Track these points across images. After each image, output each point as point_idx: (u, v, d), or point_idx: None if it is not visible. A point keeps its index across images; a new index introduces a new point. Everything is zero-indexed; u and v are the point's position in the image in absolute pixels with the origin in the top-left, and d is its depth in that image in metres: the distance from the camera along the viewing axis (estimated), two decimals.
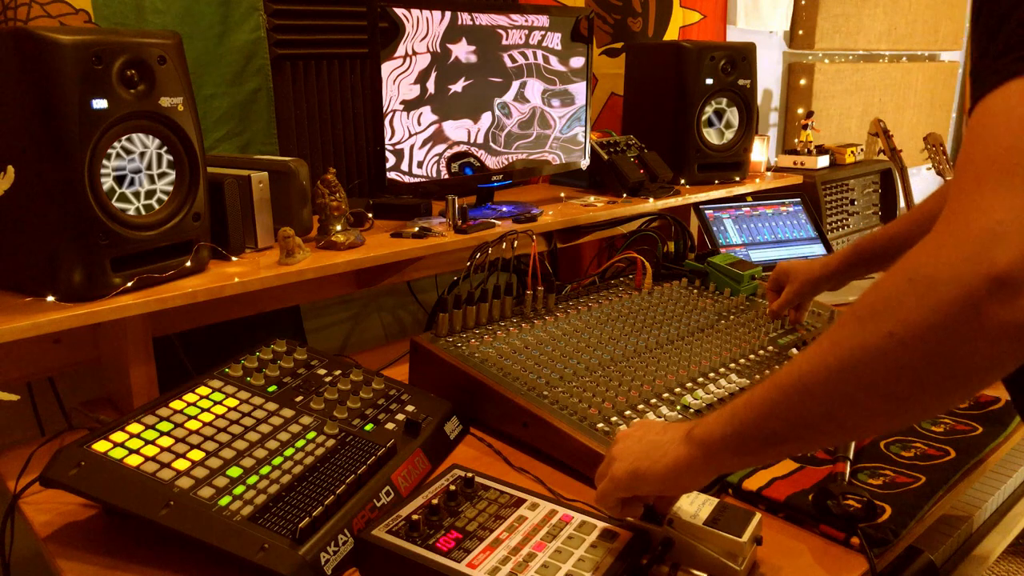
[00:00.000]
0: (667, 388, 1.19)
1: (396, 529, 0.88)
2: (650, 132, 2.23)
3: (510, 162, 1.89)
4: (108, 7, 1.51)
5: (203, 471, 0.96)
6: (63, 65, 1.10)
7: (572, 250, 2.24)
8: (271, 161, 1.52)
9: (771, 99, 3.28)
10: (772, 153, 2.95)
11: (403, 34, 1.60)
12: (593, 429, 1.08)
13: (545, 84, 1.92)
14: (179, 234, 1.29)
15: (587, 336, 1.34)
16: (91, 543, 0.97)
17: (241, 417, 1.07)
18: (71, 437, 1.19)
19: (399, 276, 1.69)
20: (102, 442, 0.97)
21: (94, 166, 1.16)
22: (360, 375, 1.23)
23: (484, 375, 1.19)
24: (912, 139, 3.64)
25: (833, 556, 0.92)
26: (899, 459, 1.10)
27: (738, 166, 2.31)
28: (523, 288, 1.43)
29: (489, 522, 0.90)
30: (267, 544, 0.86)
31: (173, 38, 1.25)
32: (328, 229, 1.51)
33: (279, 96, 1.77)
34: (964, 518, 1.18)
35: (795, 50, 3.28)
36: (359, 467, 1.01)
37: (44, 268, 1.18)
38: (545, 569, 0.82)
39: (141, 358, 1.35)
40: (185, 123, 1.27)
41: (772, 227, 2.23)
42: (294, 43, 1.78)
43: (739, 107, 2.26)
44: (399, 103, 1.63)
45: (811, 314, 1.51)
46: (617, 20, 2.51)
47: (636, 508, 0.86)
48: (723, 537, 0.85)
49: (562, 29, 1.92)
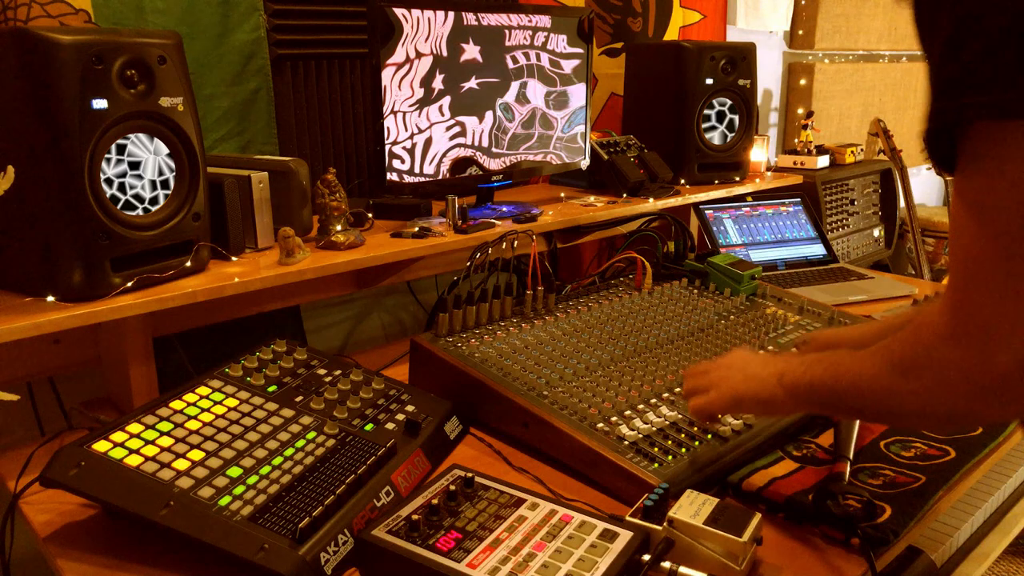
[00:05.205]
0: (667, 388, 1.19)
1: (396, 529, 0.88)
2: (650, 132, 2.23)
3: (511, 163, 1.89)
4: (108, 7, 1.51)
5: (203, 471, 0.96)
6: (63, 65, 1.10)
7: (572, 250, 2.24)
8: (271, 161, 1.52)
9: (771, 99, 3.28)
10: (772, 153, 2.95)
11: (402, 34, 1.60)
12: (593, 429, 1.08)
13: (546, 85, 1.92)
14: (179, 234, 1.29)
15: (587, 336, 1.34)
16: (91, 543, 0.97)
17: (241, 417, 1.07)
18: (71, 437, 1.20)
19: (399, 276, 1.69)
20: (102, 442, 0.97)
21: (94, 166, 1.16)
22: (360, 375, 1.23)
23: (484, 375, 1.19)
24: (912, 139, 3.64)
25: (833, 556, 0.92)
26: (899, 459, 1.10)
27: (738, 166, 2.31)
28: (523, 288, 1.43)
29: (489, 522, 0.90)
30: (267, 544, 0.86)
31: (173, 38, 1.25)
32: (328, 229, 1.51)
33: (279, 96, 1.77)
34: (964, 518, 1.18)
35: (795, 50, 3.28)
36: (359, 467, 1.01)
37: (44, 268, 1.18)
38: (545, 569, 0.82)
39: (141, 358, 1.35)
40: (185, 123, 1.26)
41: (772, 227, 2.23)
42: (294, 43, 1.78)
43: (739, 107, 2.26)
44: (399, 104, 1.63)
45: (811, 314, 1.52)
46: (617, 20, 2.51)
47: (719, 423, 1.07)
48: (723, 537, 0.85)
49: (564, 30, 1.92)
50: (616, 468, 1.02)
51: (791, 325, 1.47)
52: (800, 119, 3.04)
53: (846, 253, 2.86)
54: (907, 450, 1.12)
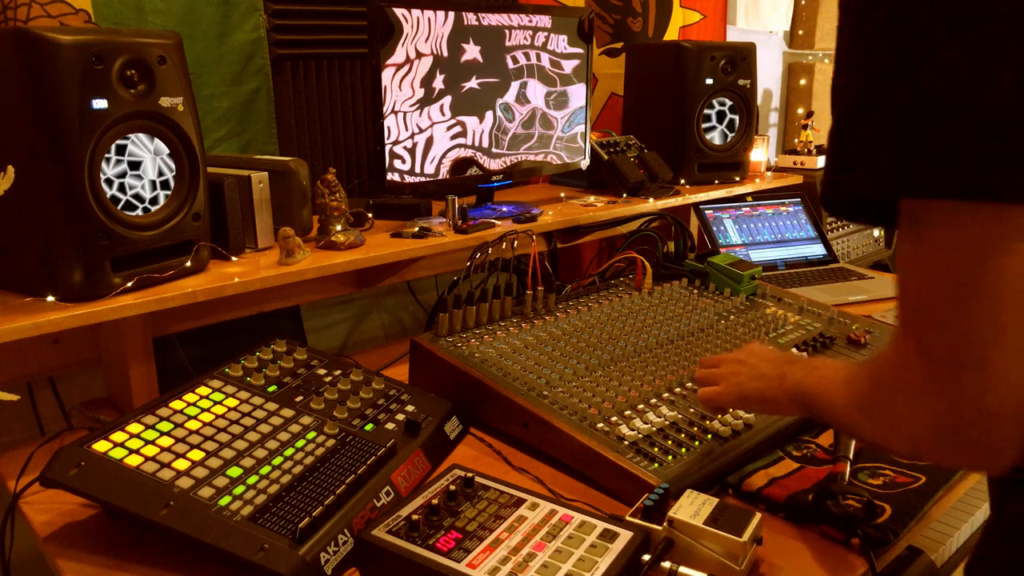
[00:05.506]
0: (667, 388, 1.19)
1: (396, 529, 0.88)
2: (650, 132, 2.23)
3: (511, 163, 1.89)
4: (108, 7, 1.51)
5: (203, 471, 0.96)
6: (63, 65, 1.10)
7: (572, 250, 2.24)
8: (271, 161, 1.52)
9: (771, 99, 3.28)
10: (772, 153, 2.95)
11: (402, 34, 1.60)
12: (593, 429, 1.08)
13: (546, 85, 1.92)
14: (179, 234, 1.29)
15: (587, 336, 1.34)
16: (91, 543, 0.97)
17: (241, 417, 1.07)
18: (71, 437, 1.20)
19: (399, 276, 1.69)
20: (102, 442, 0.97)
21: (94, 166, 1.16)
22: (360, 375, 1.23)
23: (484, 375, 1.19)
24: None
25: (833, 556, 0.92)
26: (899, 459, 1.10)
27: (738, 166, 2.31)
28: (523, 288, 1.43)
29: (489, 522, 0.90)
30: (267, 544, 0.86)
31: (173, 38, 1.25)
32: (328, 229, 1.51)
33: (279, 96, 1.77)
34: (964, 518, 1.17)
35: (795, 50, 3.28)
36: (359, 467, 1.01)
37: (44, 268, 1.17)
38: (545, 569, 0.82)
39: (141, 358, 1.35)
40: (185, 123, 1.26)
41: (772, 227, 2.23)
42: (294, 43, 1.78)
43: (739, 107, 2.26)
44: (399, 104, 1.63)
45: (811, 314, 1.52)
46: (617, 20, 2.51)
47: (726, 413, 1.11)
48: (723, 537, 0.85)
49: (564, 30, 1.92)
50: (616, 468, 1.02)
51: (791, 325, 1.47)
52: (800, 119, 3.04)
53: (846, 253, 2.86)
54: None
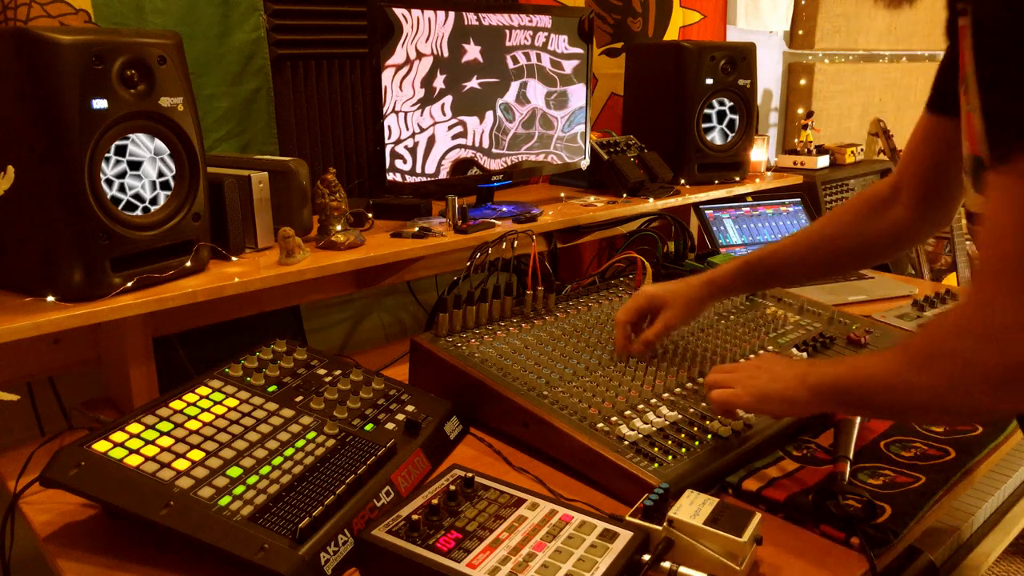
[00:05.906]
0: (667, 388, 1.19)
1: (396, 529, 0.88)
2: (650, 132, 2.23)
3: (511, 163, 1.89)
4: (108, 7, 1.51)
5: (203, 471, 0.96)
6: (63, 65, 1.10)
7: (572, 250, 2.24)
8: (271, 161, 1.52)
9: (771, 99, 3.28)
10: (772, 153, 2.95)
11: (402, 34, 1.60)
12: (593, 429, 1.08)
13: (546, 85, 1.92)
14: (179, 234, 1.29)
15: (587, 336, 1.34)
16: (91, 543, 0.97)
17: (241, 417, 1.07)
18: (71, 437, 1.20)
19: (399, 276, 1.69)
20: (102, 442, 0.97)
21: (94, 166, 1.16)
22: (360, 375, 1.23)
23: (484, 375, 1.19)
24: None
25: (833, 556, 0.91)
26: (899, 459, 1.10)
27: (738, 166, 2.31)
28: (523, 288, 1.43)
29: (489, 522, 0.90)
30: (267, 544, 0.86)
31: (173, 38, 1.25)
32: (328, 229, 1.51)
33: (279, 96, 1.77)
34: (964, 518, 1.17)
35: (795, 50, 3.28)
36: (359, 467, 1.01)
37: (44, 268, 1.18)
38: (545, 569, 0.82)
39: (141, 358, 1.35)
40: (185, 123, 1.26)
41: (772, 227, 2.23)
42: (294, 43, 1.78)
43: (739, 107, 2.26)
44: (400, 103, 1.63)
45: (811, 314, 1.51)
46: (617, 20, 2.51)
47: (736, 417, 1.10)
48: (723, 537, 0.85)
49: (564, 30, 1.92)
50: (616, 468, 1.02)
51: (791, 325, 1.47)
52: (800, 119, 3.04)
53: None
54: (907, 450, 1.12)
